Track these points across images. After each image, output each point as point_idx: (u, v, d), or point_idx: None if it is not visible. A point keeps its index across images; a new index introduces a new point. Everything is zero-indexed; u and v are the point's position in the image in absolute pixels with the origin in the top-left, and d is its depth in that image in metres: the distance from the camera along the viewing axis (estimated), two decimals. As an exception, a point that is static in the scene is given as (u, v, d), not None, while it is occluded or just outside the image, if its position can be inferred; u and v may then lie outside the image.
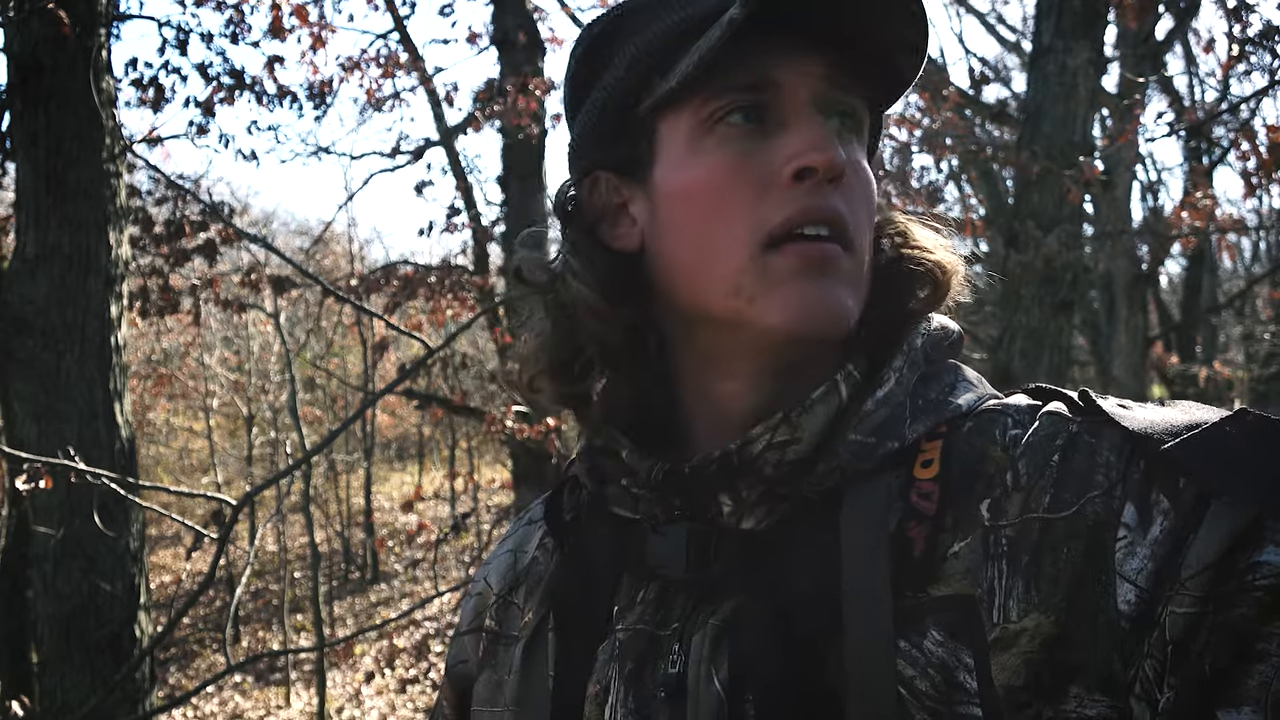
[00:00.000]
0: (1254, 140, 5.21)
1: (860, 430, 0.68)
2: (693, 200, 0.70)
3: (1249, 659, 0.54)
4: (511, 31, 6.98)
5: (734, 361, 0.72)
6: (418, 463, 19.47)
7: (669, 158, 0.72)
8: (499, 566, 0.87)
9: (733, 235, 0.68)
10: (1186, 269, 11.35)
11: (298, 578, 13.80)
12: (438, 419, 11.79)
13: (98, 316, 4.02)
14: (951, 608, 0.62)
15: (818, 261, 0.67)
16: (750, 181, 0.68)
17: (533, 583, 0.82)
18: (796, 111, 0.69)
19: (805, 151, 0.67)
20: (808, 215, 0.67)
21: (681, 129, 0.71)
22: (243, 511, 2.45)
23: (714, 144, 0.70)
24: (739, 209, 0.68)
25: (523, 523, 0.89)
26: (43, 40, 3.92)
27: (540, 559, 0.83)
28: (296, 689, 10.51)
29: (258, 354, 14.11)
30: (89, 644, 3.88)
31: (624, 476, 0.74)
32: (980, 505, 0.64)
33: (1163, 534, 0.58)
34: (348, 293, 7.34)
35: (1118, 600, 0.58)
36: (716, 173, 0.69)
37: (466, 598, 0.89)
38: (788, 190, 0.68)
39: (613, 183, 0.76)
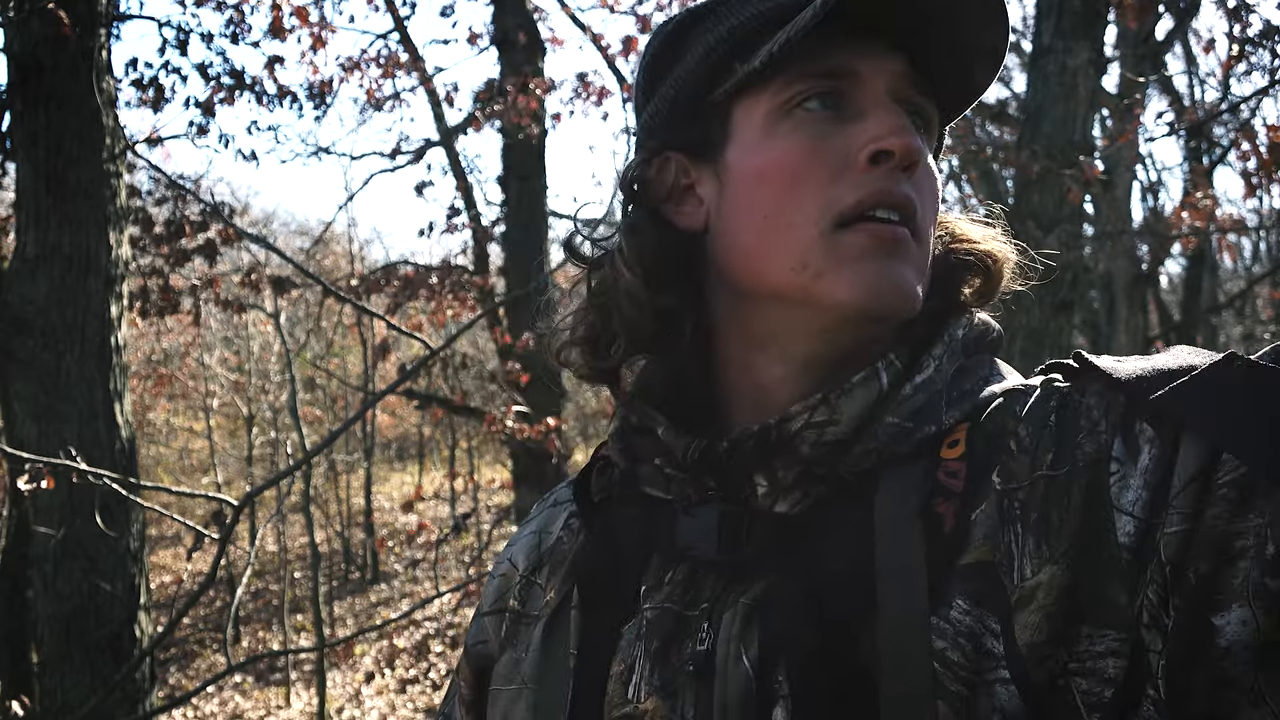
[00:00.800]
0: (1254, 140, 5.21)
1: (898, 414, 0.68)
2: (765, 180, 0.71)
3: (1230, 559, 0.55)
4: (511, 31, 6.98)
5: (787, 344, 0.72)
6: (418, 463, 19.47)
7: (743, 140, 0.73)
8: (523, 547, 0.86)
9: (803, 214, 0.69)
10: (1186, 269, 11.35)
11: (298, 578, 13.80)
12: (438, 419, 11.80)
13: (98, 316, 4.02)
14: (975, 575, 0.62)
15: (889, 241, 0.68)
16: (825, 163, 0.69)
17: (556, 562, 0.82)
18: (875, 101, 0.71)
19: (884, 135, 0.68)
20: (880, 199, 0.68)
21: (758, 112, 0.72)
22: (243, 512, 2.45)
23: (791, 127, 0.71)
24: (812, 188, 0.69)
25: (547, 505, 0.89)
26: (43, 40, 3.92)
27: (565, 539, 0.83)
28: (296, 689, 10.50)
29: (258, 354, 14.11)
30: (89, 644, 3.88)
31: (658, 455, 0.74)
32: (993, 474, 0.65)
33: (1152, 462, 0.60)
34: (348, 293, 7.34)
35: (1117, 534, 0.59)
36: (792, 154, 0.70)
37: (490, 578, 0.88)
38: (863, 174, 0.69)
39: (682, 164, 0.77)
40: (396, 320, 6.77)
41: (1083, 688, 0.58)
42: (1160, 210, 12.08)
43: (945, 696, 0.60)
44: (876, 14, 0.69)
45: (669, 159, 0.77)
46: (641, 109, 0.81)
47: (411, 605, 11.33)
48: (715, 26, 0.75)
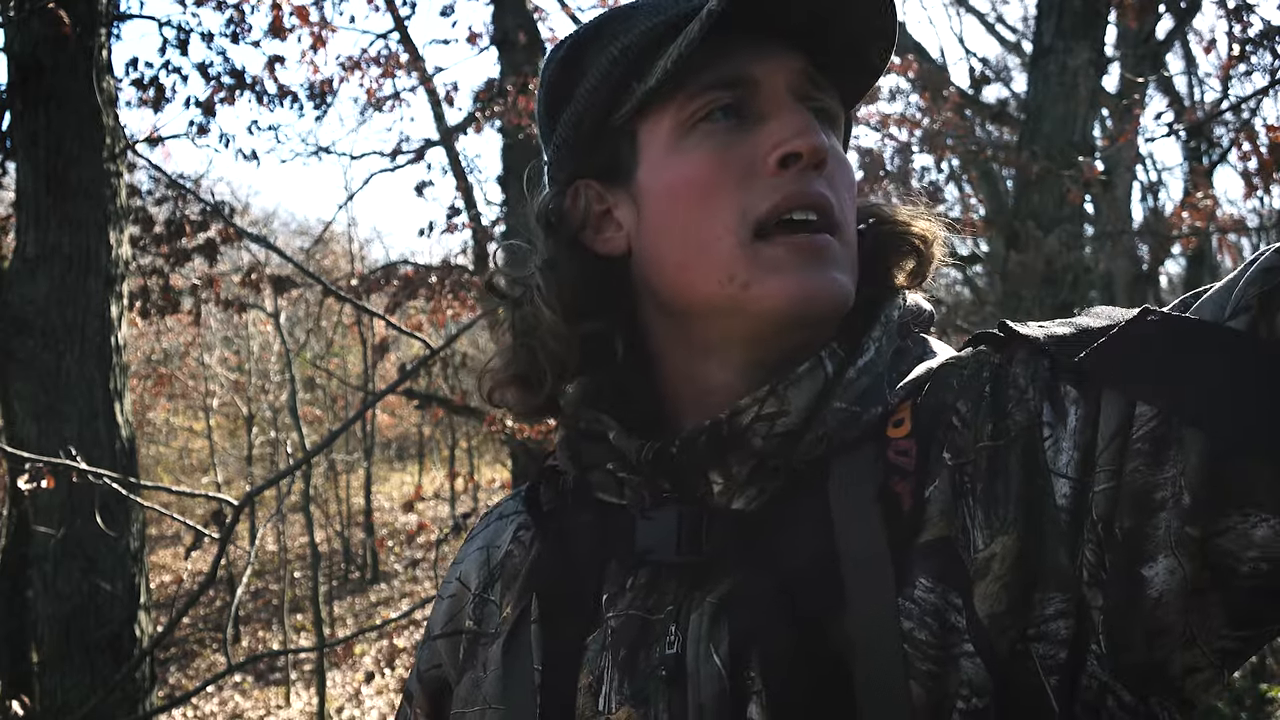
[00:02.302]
0: (1254, 140, 5.20)
1: (844, 399, 0.69)
2: (677, 196, 0.71)
3: (1151, 511, 0.57)
4: (511, 31, 6.98)
5: (729, 352, 0.72)
6: (418, 463, 19.46)
7: (651, 159, 0.73)
8: (473, 564, 0.84)
9: (721, 224, 0.69)
10: (1186, 269, 11.34)
11: (298, 578, 13.79)
12: (438, 419, 11.80)
13: (98, 316, 4.02)
14: (935, 552, 0.63)
15: (810, 251, 0.68)
16: (734, 172, 0.69)
17: (509, 577, 0.80)
18: (777, 103, 0.70)
19: (790, 138, 0.68)
20: (794, 201, 0.68)
21: (662, 131, 0.72)
22: (243, 511, 2.45)
23: (695, 141, 0.70)
24: (724, 199, 0.69)
25: (492, 519, 0.87)
26: (43, 40, 3.92)
27: (516, 552, 0.81)
28: (296, 689, 10.50)
29: (258, 354, 14.10)
30: (89, 644, 3.88)
31: (610, 460, 0.73)
32: (943, 451, 0.66)
33: (1079, 422, 0.61)
34: (348, 292, 7.34)
35: (1055, 497, 0.61)
36: (700, 167, 0.70)
37: (438, 600, 0.86)
38: (773, 178, 0.69)
39: (596, 190, 0.76)
40: (396, 320, 6.77)
41: (1040, 652, 0.60)
42: (1160, 210, 12.08)
43: (917, 677, 0.60)
44: (769, 16, 0.69)
45: (580, 187, 0.77)
46: (548, 138, 0.80)
47: (411, 605, 11.33)
48: (608, 46, 0.74)
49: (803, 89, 0.72)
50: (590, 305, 0.74)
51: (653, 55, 0.71)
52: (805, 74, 0.72)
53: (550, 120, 0.79)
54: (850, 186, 0.73)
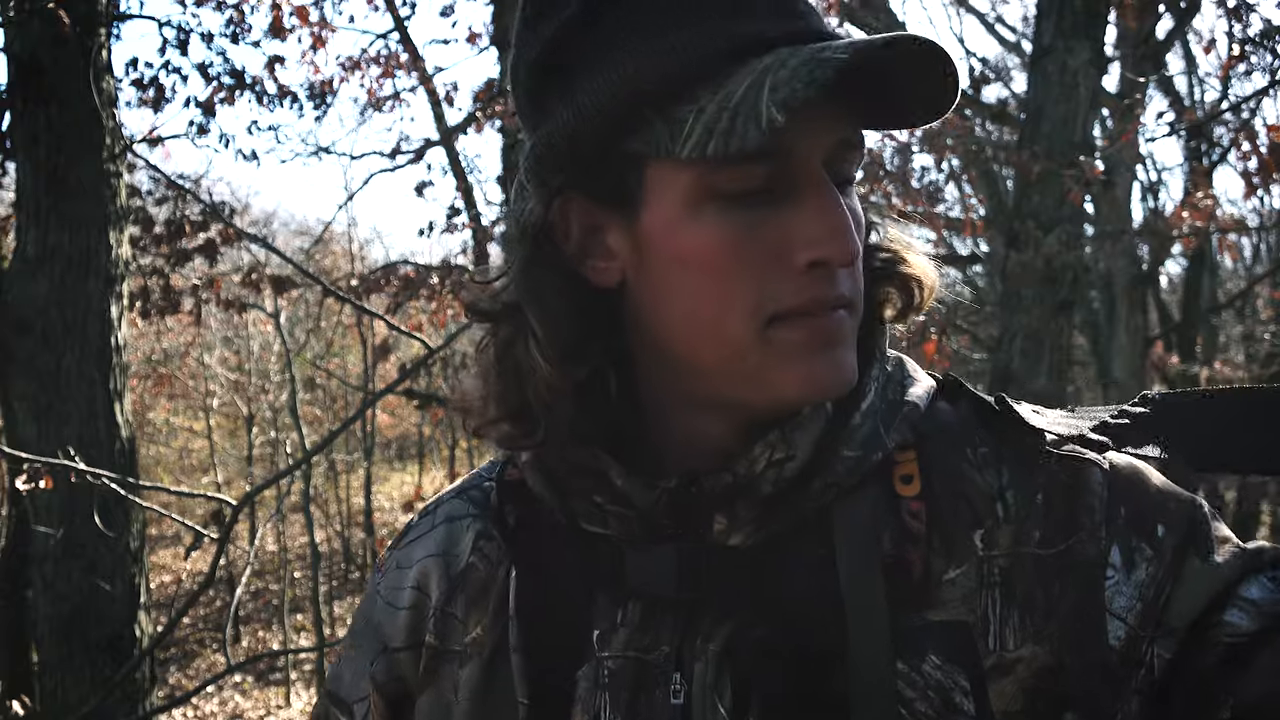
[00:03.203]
0: (1254, 140, 5.20)
1: (851, 446, 0.67)
2: (689, 268, 0.63)
3: (1213, 706, 0.59)
4: (511, 32, 6.98)
5: (725, 410, 0.68)
6: (418, 463, 19.46)
7: (662, 210, 0.64)
8: (434, 573, 0.78)
9: (736, 312, 0.63)
10: (1186, 269, 11.34)
11: (298, 578, 13.79)
12: (438, 419, 11.79)
13: (98, 316, 4.03)
14: (949, 634, 0.63)
15: (824, 337, 0.64)
16: (757, 259, 0.62)
17: (474, 592, 0.75)
18: (808, 180, 0.63)
19: (823, 241, 0.62)
20: (819, 305, 0.63)
21: (680, 184, 0.63)
22: (243, 511, 2.45)
23: (716, 214, 0.62)
24: (743, 286, 0.63)
25: (439, 520, 0.81)
26: (43, 40, 3.92)
27: (479, 566, 0.76)
28: (296, 689, 10.50)
29: (258, 354, 14.10)
30: (89, 644, 3.88)
31: (600, 495, 0.69)
32: (973, 534, 0.66)
33: (1148, 578, 0.63)
34: (348, 293, 7.34)
35: (1109, 635, 0.62)
36: (720, 248, 0.62)
37: (389, 608, 0.79)
38: (799, 277, 0.63)
39: (587, 207, 0.67)
40: (396, 320, 6.77)
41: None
42: (1160, 210, 12.08)
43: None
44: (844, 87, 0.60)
45: (572, 200, 0.67)
46: (532, 124, 0.69)
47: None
48: (624, 45, 0.62)
49: (838, 157, 0.65)
50: (583, 343, 0.67)
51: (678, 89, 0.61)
52: (844, 139, 0.65)
53: (538, 102, 0.68)
54: (863, 239, 0.67)
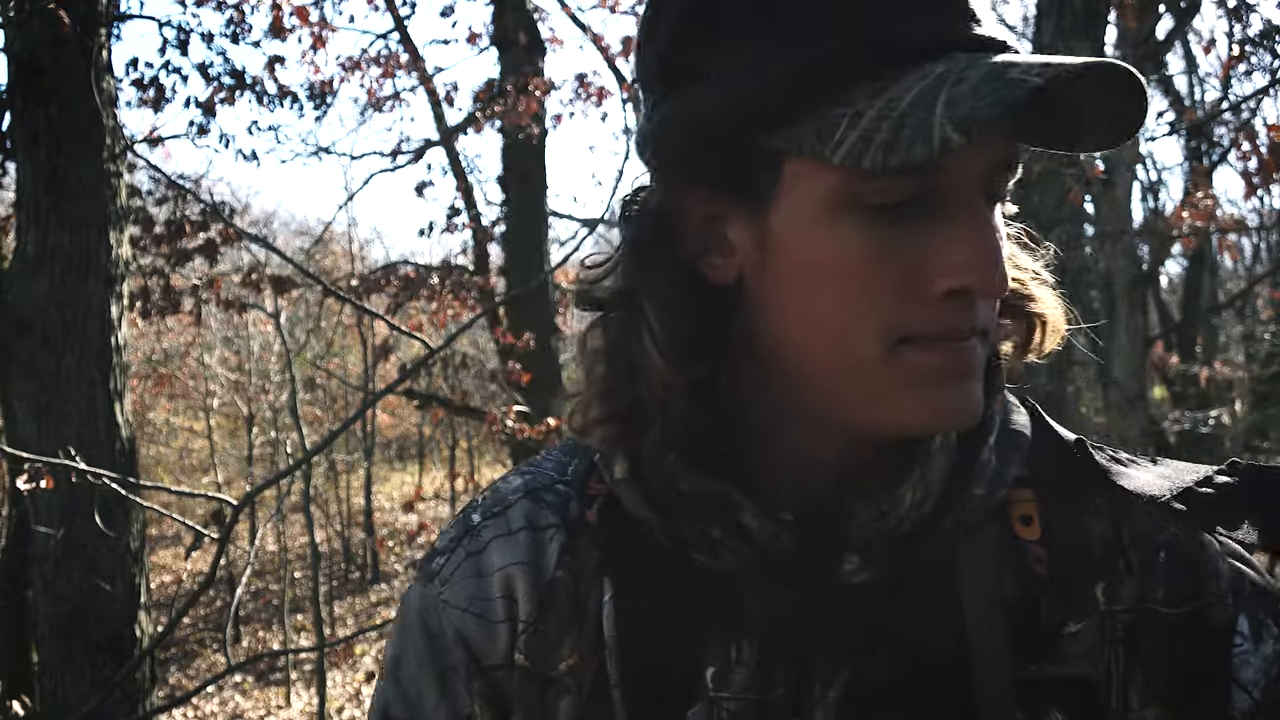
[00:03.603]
0: (1254, 140, 5.20)
1: (979, 483, 0.64)
2: (819, 278, 0.59)
3: None
4: (511, 32, 6.98)
5: (830, 426, 0.64)
6: (418, 463, 19.46)
7: (796, 210, 0.59)
8: (519, 583, 0.70)
9: (865, 330, 0.58)
10: (1186, 269, 11.35)
11: (298, 578, 13.79)
12: (438, 419, 11.80)
13: (98, 316, 4.02)
14: (1072, 690, 0.62)
15: (953, 367, 0.59)
16: (893, 278, 0.57)
17: (565, 613, 0.69)
18: (961, 202, 0.57)
19: (970, 269, 0.57)
20: (955, 336, 0.59)
21: (819, 188, 0.57)
22: (243, 511, 2.45)
23: (856, 225, 0.57)
24: (875, 305, 0.58)
25: (517, 524, 0.72)
26: (43, 40, 3.92)
27: (568, 583, 0.69)
28: (296, 689, 10.50)
29: (258, 354, 14.10)
30: (89, 644, 3.88)
31: (715, 526, 0.63)
32: (1094, 587, 0.64)
33: (1274, 654, 0.62)
34: (348, 293, 7.34)
35: (1233, 703, 0.61)
36: (856, 260, 0.58)
37: (479, 621, 0.70)
38: (937, 302, 0.58)
39: (707, 197, 0.62)
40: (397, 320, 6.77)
41: None
42: (1160, 210, 12.08)
43: None
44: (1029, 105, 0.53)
45: (694, 188, 0.62)
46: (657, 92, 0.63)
47: (411, 605, 11.29)
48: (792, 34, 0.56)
49: (996, 177, 0.59)
50: (697, 344, 0.63)
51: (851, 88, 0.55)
52: (1004, 157, 0.59)
53: (669, 75, 0.62)
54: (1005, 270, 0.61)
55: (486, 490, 0.77)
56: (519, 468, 0.78)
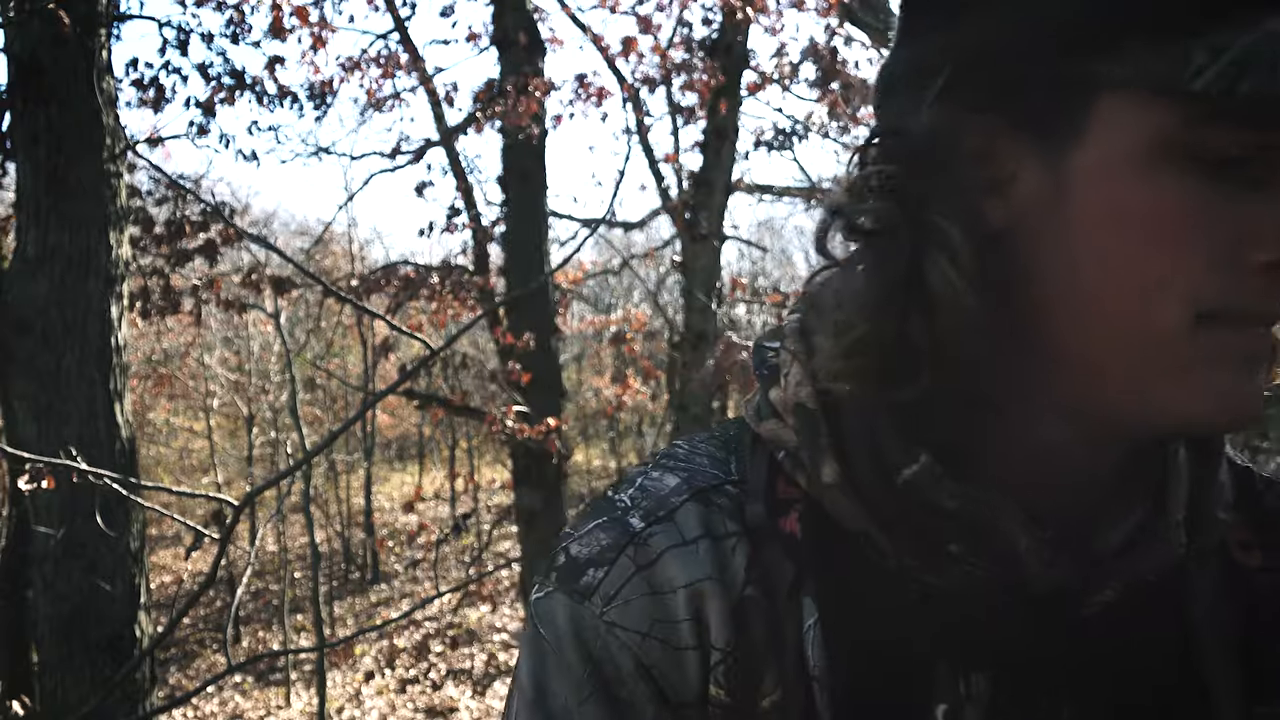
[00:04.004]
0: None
1: (1220, 504, 0.59)
2: (1125, 230, 0.52)
3: None
4: (511, 32, 6.98)
5: (1093, 416, 0.56)
6: (418, 463, 19.47)
7: (1106, 151, 0.52)
8: (710, 602, 0.58)
9: (1169, 294, 0.51)
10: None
11: (298, 578, 13.80)
12: (438, 419, 11.80)
13: (98, 317, 4.02)
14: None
15: (1249, 356, 0.53)
16: (1206, 241, 0.51)
17: (762, 640, 0.59)
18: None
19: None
20: (1260, 319, 0.53)
21: (1141, 127, 0.51)
22: (243, 512, 2.45)
23: (1178, 176, 0.51)
24: (1186, 269, 0.51)
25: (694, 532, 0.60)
26: (43, 40, 3.92)
27: (761, 602, 0.59)
28: (296, 689, 10.50)
29: (258, 354, 14.11)
30: (89, 644, 3.88)
31: (957, 541, 0.55)
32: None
33: None
34: (348, 293, 7.34)
35: None
36: (1171, 215, 0.51)
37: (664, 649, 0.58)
38: (1249, 277, 0.51)
39: (997, 129, 0.54)
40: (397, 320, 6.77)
41: None
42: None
43: None
44: None
45: (977, 120, 0.54)
46: (935, 16, 0.56)
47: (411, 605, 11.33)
48: None
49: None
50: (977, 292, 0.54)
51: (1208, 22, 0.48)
52: None
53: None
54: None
55: (626, 484, 0.64)
56: (661, 462, 0.65)
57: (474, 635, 11.42)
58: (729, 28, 7.71)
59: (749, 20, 6.95)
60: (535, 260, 7.23)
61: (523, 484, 7.15)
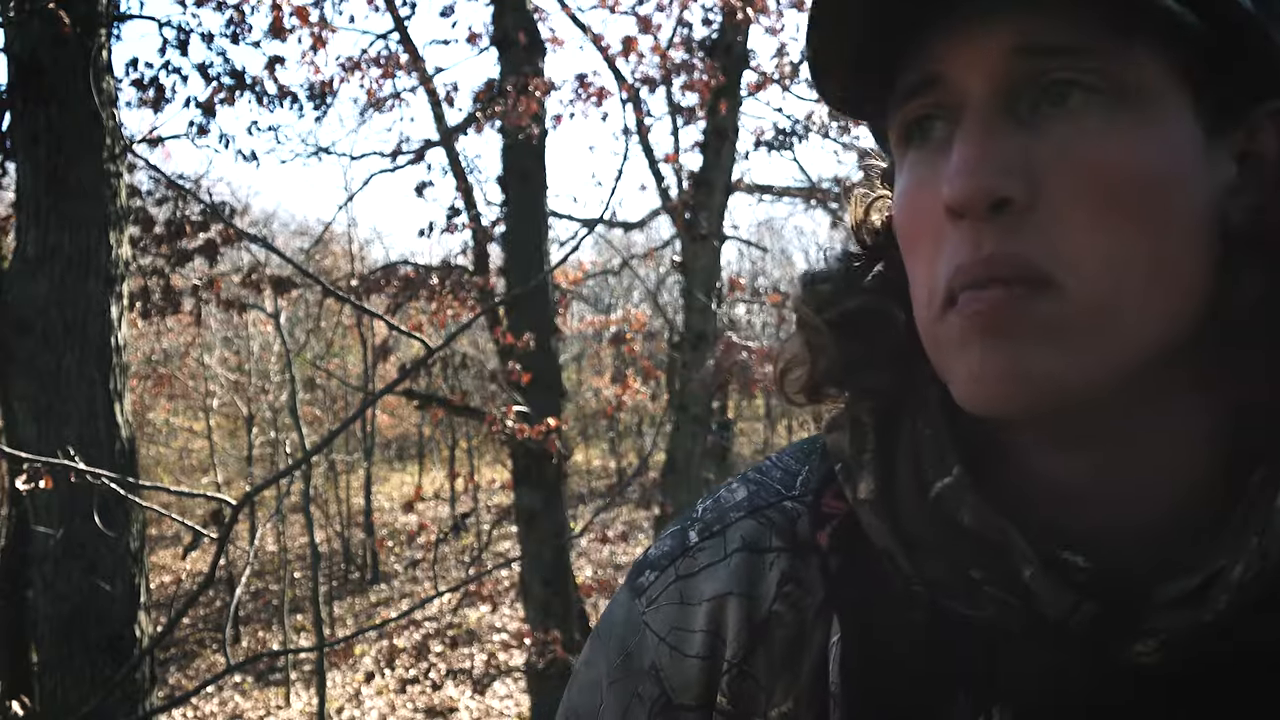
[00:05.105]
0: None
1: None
2: (897, 232, 0.55)
3: None
4: (511, 32, 6.98)
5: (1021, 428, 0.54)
6: (418, 463, 19.46)
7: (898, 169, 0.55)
8: (730, 616, 0.60)
9: (922, 289, 0.52)
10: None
11: (298, 578, 13.79)
12: (438, 419, 11.80)
13: (98, 317, 4.02)
14: None
15: (983, 318, 0.48)
16: (924, 223, 0.51)
17: (780, 652, 0.59)
18: (968, 114, 0.49)
19: (947, 184, 0.48)
20: (963, 276, 0.49)
21: (895, 139, 0.54)
22: (242, 511, 2.45)
23: (907, 165, 0.53)
24: (921, 258, 0.52)
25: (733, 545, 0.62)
26: (43, 40, 3.92)
27: (786, 617, 0.59)
28: (296, 689, 10.50)
29: (258, 354, 14.11)
30: (89, 644, 3.88)
31: (977, 567, 0.52)
32: None
33: None
34: (348, 293, 7.34)
35: None
36: (902, 211, 0.53)
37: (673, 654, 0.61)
38: (950, 238, 0.49)
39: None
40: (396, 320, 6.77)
41: None
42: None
43: None
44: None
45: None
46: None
47: (411, 605, 11.32)
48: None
49: (1016, 70, 0.48)
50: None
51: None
52: (1020, 46, 0.47)
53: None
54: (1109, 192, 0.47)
55: (709, 499, 0.67)
56: (746, 474, 0.67)
57: (474, 635, 11.42)
58: (729, 28, 7.72)
59: (749, 20, 6.95)
60: (535, 260, 7.23)
61: (523, 484, 7.15)
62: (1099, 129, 0.47)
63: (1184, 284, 0.49)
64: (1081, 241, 0.47)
